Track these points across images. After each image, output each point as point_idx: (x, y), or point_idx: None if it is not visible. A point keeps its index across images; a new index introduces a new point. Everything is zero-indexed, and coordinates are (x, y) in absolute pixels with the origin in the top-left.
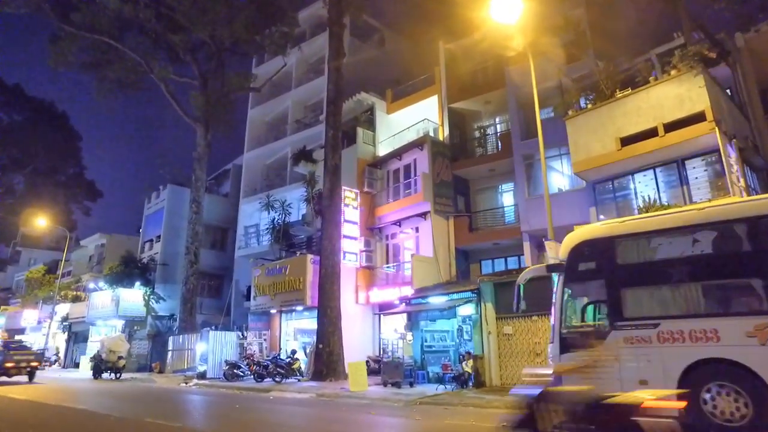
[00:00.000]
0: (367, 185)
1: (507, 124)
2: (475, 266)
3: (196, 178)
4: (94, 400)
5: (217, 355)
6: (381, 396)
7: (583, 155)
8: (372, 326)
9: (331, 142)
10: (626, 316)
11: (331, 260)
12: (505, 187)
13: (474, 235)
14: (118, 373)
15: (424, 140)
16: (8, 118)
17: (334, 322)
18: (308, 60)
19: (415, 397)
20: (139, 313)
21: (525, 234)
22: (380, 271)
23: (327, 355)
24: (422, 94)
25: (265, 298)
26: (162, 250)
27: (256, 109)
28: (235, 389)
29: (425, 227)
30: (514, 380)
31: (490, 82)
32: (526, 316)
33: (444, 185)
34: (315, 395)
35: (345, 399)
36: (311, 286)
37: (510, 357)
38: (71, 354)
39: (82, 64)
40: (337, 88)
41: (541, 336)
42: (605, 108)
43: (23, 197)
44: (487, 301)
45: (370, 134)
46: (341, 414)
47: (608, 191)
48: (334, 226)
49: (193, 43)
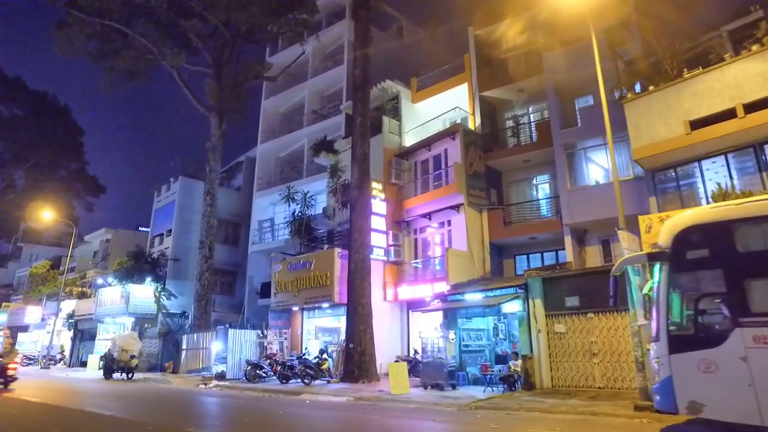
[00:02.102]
0: (395, 176)
1: (541, 113)
2: (509, 261)
3: (210, 169)
4: (117, 405)
5: (236, 355)
6: (428, 400)
7: (646, 140)
8: (400, 324)
9: (359, 129)
10: (754, 311)
11: (362, 254)
12: (540, 179)
13: (509, 228)
14: (131, 373)
15: (457, 129)
16: (8, 112)
17: (366, 320)
18: (324, 49)
19: (466, 401)
20: (149, 310)
21: (566, 227)
22: (409, 267)
23: (358, 356)
24: (450, 82)
25: (287, 294)
26: (173, 244)
27: (269, 100)
28: (261, 391)
29: (458, 220)
30: (566, 382)
31: (524, 70)
32: (580, 313)
33: (477, 176)
34: (353, 399)
35: (389, 403)
36: (339, 282)
37: (562, 357)
38: (77, 352)
39: (89, 52)
40: (364, 74)
41: (598, 335)
42: (671, 89)
43: (24, 192)
44: (536, 297)
45: (396, 124)
46: (399, 421)
47: (670, 180)
48: (364, 218)
49: (206, 32)
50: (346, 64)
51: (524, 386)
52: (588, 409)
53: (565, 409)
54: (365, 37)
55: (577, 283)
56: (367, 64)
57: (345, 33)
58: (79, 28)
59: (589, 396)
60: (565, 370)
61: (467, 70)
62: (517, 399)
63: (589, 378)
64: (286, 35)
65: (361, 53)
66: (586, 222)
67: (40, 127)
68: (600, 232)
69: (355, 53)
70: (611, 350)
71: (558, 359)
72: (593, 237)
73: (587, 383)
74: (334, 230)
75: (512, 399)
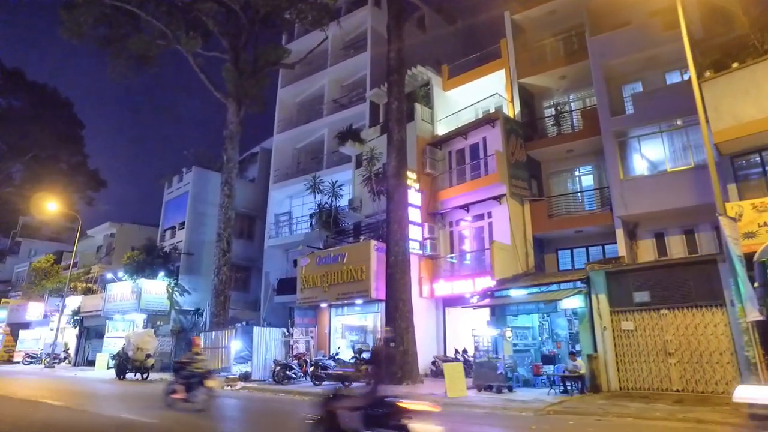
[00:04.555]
0: (429, 166)
1: (583, 101)
2: (550, 256)
3: (227, 158)
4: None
5: (261, 354)
6: (493, 404)
7: (729, 122)
8: (435, 322)
9: (395, 114)
10: None
11: (401, 246)
12: (584, 170)
13: (553, 221)
14: (146, 373)
15: (497, 116)
16: (7, 104)
17: (408, 318)
18: (344, 37)
19: (537, 405)
20: (162, 306)
21: (618, 220)
22: (444, 261)
23: (401, 356)
24: (484, 69)
25: (316, 290)
26: (186, 238)
27: (286, 89)
28: (297, 394)
29: (499, 212)
30: (637, 384)
31: (566, 56)
32: (651, 309)
33: (519, 166)
34: None
35: (452, 408)
36: (376, 277)
37: (631, 357)
38: (83, 350)
39: (98, 37)
40: (399, 56)
41: (674, 333)
42: (759, 66)
43: (23, 185)
44: (600, 293)
45: (428, 111)
46: (487, 430)
47: (754, 165)
48: (402, 209)
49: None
50: (370, 51)
51: (591, 388)
52: (689, 415)
53: (661, 415)
54: (399, 16)
55: (647, 277)
56: (402, 44)
57: (368, 19)
58: (88, 8)
59: (673, 400)
60: (635, 371)
61: (504, 56)
62: (592, 402)
63: (664, 380)
64: (306, 20)
65: (396, 34)
66: (640, 214)
67: (39, 120)
68: (653, 225)
69: (389, 34)
70: (690, 350)
71: (626, 359)
72: (645, 230)
73: (662, 386)
74: (361, 222)
75: (587, 402)
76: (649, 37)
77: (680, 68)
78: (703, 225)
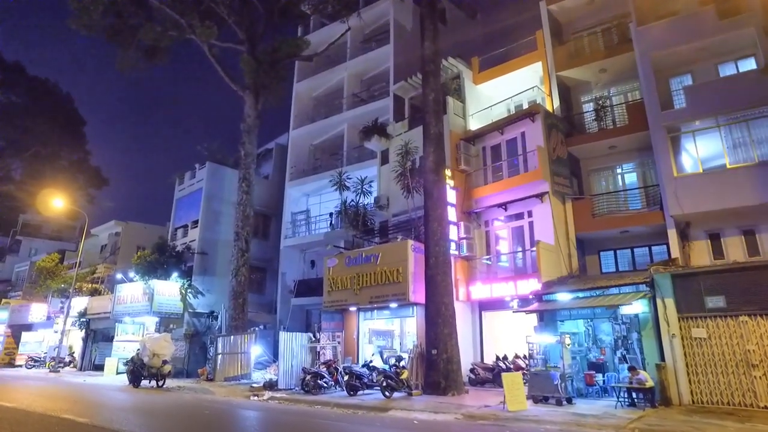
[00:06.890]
0: (463, 162)
1: (625, 95)
2: (591, 258)
3: (245, 152)
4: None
5: (288, 361)
6: (563, 419)
7: None
8: (472, 327)
9: (432, 106)
10: None
11: (442, 247)
12: (626, 167)
13: (598, 221)
14: (162, 380)
15: (537, 109)
16: (7, 99)
17: (451, 323)
18: (363, 30)
19: (612, 421)
20: (175, 309)
21: (670, 219)
22: (480, 263)
23: (444, 363)
24: (518, 62)
25: (345, 292)
26: (200, 236)
27: (302, 83)
28: (334, 406)
29: (541, 211)
30: (714, 398)
31: (607, 47)
32: (727, 315)
33: (560, 163)
34: (461, 416)
35: (516, 423)
36: (413, 279)
37: (705, 368)
38: (89, 354)
39: (106, 27)
40: (434, 45)
41: (757, 342)
42: None
43: (23, 183)
44: (666, 297)
45: (460, 105)
46: None
47: None
48: (442, 206)
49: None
50: (393, 44)
51: (661, 401)
52: None
53: None
54: (433, 3)
55: (722, 280)
56: (438, 33)
57: (390, 11)
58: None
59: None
60: (710, 384)
61: (540, 48)
62: (674, 418)
63: (747, 394)
64: (326, 11)
65: (430, 21)
66: (696, 213)
67: (40, 116)
68: (707, 225)
69: (422, 22)
70: None
71: (699, 370)
72: (698, 231)
73: (745, 400)
74: (389, 221)
75: (668, 419)
76: (701, 27)
77: (735, 59)
78: (765, 225)
